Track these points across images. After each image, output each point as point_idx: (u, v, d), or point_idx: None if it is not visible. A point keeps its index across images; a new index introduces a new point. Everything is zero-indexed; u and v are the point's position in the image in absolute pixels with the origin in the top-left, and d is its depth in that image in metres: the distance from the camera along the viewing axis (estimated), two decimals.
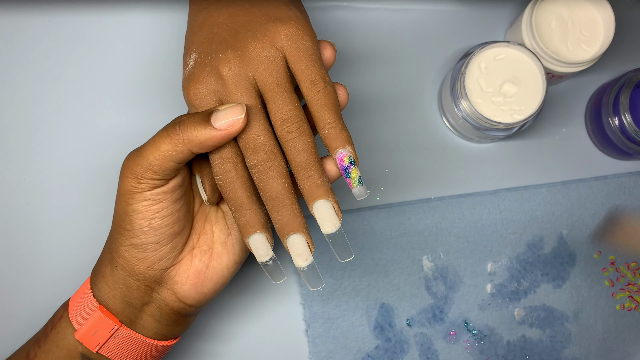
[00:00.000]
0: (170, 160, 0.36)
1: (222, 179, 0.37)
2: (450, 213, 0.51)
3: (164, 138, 0.36)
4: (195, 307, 0.41)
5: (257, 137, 0.37)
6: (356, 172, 0.37)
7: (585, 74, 0.53)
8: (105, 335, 0.39)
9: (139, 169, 0.37)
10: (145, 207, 0.37)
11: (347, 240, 0.37)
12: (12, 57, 0.51)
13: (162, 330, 0.41)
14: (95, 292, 0.40)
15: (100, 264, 0.40)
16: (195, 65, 0.38)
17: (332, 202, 0.37)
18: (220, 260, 0.41)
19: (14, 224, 0.50)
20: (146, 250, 0.38)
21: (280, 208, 0.37)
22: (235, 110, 0.36)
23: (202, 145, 0.36)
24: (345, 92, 0.39)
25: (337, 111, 0.37)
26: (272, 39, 0.37)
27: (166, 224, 0.38)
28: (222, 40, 0.38)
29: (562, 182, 0.52)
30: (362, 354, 0.50)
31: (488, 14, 0.53)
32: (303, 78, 0.37)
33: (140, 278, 0.39)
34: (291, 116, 0.37)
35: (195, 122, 0.36)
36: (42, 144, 0.51)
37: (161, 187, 0.37)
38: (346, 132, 0.37)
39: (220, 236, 0.41)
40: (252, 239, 0.37)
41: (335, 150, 0.37)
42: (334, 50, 0.39)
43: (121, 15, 0.52)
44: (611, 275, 0.51)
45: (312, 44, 0.38)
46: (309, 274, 0.37)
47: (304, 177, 0.37)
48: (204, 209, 0.42)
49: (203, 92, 0.38)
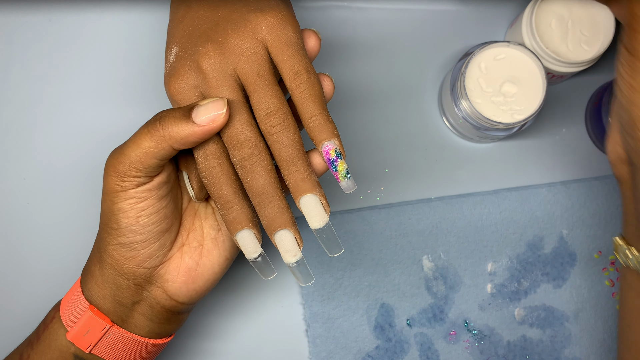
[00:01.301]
0: (152, 157, 0.36)
1: (207, 176, 0.37)
2: (450, 213, 0.51)
3: (145, 135, 0.36)
4: (187, 304, 0.41)
5: (240, 131, 0.36)
6: (343, 164, 0.36)
7: (585, 74, 0.53)
8: (97, 335, 0.38)
9: (121, 167, 0.36)
10: (130, 206, 0.37)
11: (335, 234, 0.37)
12: (12, 57, 0.51)
13: (154, 329, 0.40)
14: (86, 292, 0.39)
15: (89, 263, 0.40)
16: (176, 59, 0.38)
17: (319, 196, 0.36)
18: (211, 257, 0.40)
19: (14, 224, 0.50)
20: (134, 249, 0.38)
21: (266, 204, 0.36)
22: (216, 105, 0.35)
23: (183, 141, 0.35)
24: (330, 83, 0.38)
25: (322, 103, 0.36)
26: (253, 30, 0.36)
27: (153, 222, 0.37)
28: (202, 33, 0.37)
29: (562, 182, 0.52)
30: (362, 354, 0.50)
31: (488, 14, 0.53)
32: (286, 69, 0.36)
33: (129, 277, 0.38)
34: (275, 109, 0.36)
35: (175, 117, 0.35)
36: (42, 144, 0.51)
37: (145, 185, 0.37)
38: (332, 124, 0.36)
39: (210, 232, 0.41)
40: (240, 236, 0.37)
41: (321, 143, 0.36)
42: (318, 39, 0.38)
43: (121, 15, 0.52)
44: (611, 275, 0.51)
45: (294, 33, 0.37)
46: (298, 270, 0.37)
47: (289, 172, 0.36)
48: (193, 205, 0.41)
49: (184, 87, 0.37)
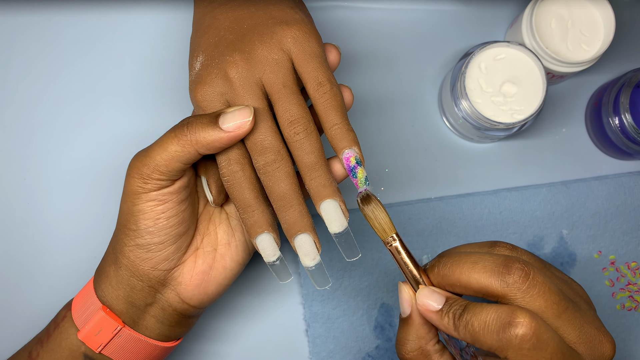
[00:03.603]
0: (177, 160, 0.37)
1: (230, 180, 0.38)
2: (450, 213, 0.51)
3: (172, 139, 0.37)
4: (199, 308, 0.41)
5: (264, 138, 0.37)
6: (362, 172, 0.37)
7: (585, 74, 0.53)
8: (108, 336, 0.39)
9: (145, 169, 0.37)
10: (150, 208, 0.38)
11: (353, 239, 0.37)
12: (12, 57, 0.51)
13: (165, 331, 0.41)
14: (99, 292, 0.40)
15: (103, 264, 0.40)
16: (203, 67, 0.39)
17: (339, 201, 0.37)
18: (224, 262, 0.41)
19: (14, 224, 0.50)
20: (150, 251, 0.38)
21: (287, 208, 0.37)
22: (243, 113, 0.36)
23: (209, 146, 0.36)
24: (350, 94, 0.40)
25: (344, 112, 0.38)
26: (279, 42, 0.38)
27: (171, 225, 0.38)
28: (229, 43, 0.38)
29: (562, 182, 0.52)
30: (362, 354, 0.50)
31: (488, 14, 0.53)
32: (310, 80, 0.38)
33: (144, 278, 0.39)
34: (298, 117, 0.37)
35: (203, 123, 0.36)
36: (42, 144, 0.51)
37: (167, 188, 0.38)
38: (352, 133, 0.38)
39: (224, 237, 0.41)
40: (260, 239, 0.38)
41: (341, 151, 0.37)
42: (339, 53, 0.40)
43: (121, 15, 0.52)
44: (611, 275, 0.51)
45: (318, 46, 0.38)
46: (316, 273, 0.38)
47: (311, 178, 0.37)
48: (208, 211, 0.42)
49: (210, 94, 0.38)
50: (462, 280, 0.34)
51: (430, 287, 0.35)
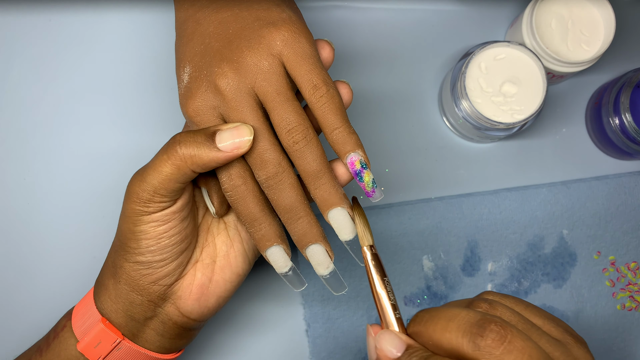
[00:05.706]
0: (175, 181, 0.35)
1: (233, 195, 0.36)
2: (450, 213, 0.51)
3: (165, 161, 0.35)
4: (199, 321, 0.40)
5: (263, 152, 0.36)
6: (369, 175, 0.36)
7: (585, 74, 0.53)
8: (108, 348, 0.38)
9: (145, 195, 0.36)
10: (153, 228, 0.36)
11: None
12: (12, 57, 0.51)
13: (165, 344, 0.40)
14: (98, 304, 0.39)
15: (102, 276, 0.39)
16: (191, 80, 0.37)
17: (347, 208, 0.36)
18: (223, 274, 0.40)
19: (14, 224, 0.50)
20: (151, 267, 0.37)
21: (296, 220, 0.36)
22: (241, 132, 0.35)
23: (205, 166, 0.35)
24: (348, 90, 0.38)
25: (343, 114, 0.36)
26: (268, 46, 0.36)
27: (174, 243, 0.37)
28: (216, 51, 0.37)
29: (562, 182, 0.52)
30: (362, 354, 0.49)
31: (488, 14, 0.53)
32: (304, 83, 0.36)
33: (143, 293, 0.38)
34: (296, 125, 0.36)
35: (197, 142, 0.35)
36: (42, 144, 0.51)
37: (169, 208, 0.36)
38: (355, 135, 0.36)
39: (223, 249, 0.40)
40: (270, 252, 0.37)
41: (345, 155, 0.36)
42: (332, 49, 0.38)
43: (121, 15, 0.52)
44: (611, 275, 0.51)
45: (309, 46, 0.36)
46: (331, 281, 0.37)
47: (315, 186, 0.36)
48: (207, 220, 0.41)
49: (202, 108, 0.36)
50: (434, 339, 0.29)
51: (391, 331, 0.31)
